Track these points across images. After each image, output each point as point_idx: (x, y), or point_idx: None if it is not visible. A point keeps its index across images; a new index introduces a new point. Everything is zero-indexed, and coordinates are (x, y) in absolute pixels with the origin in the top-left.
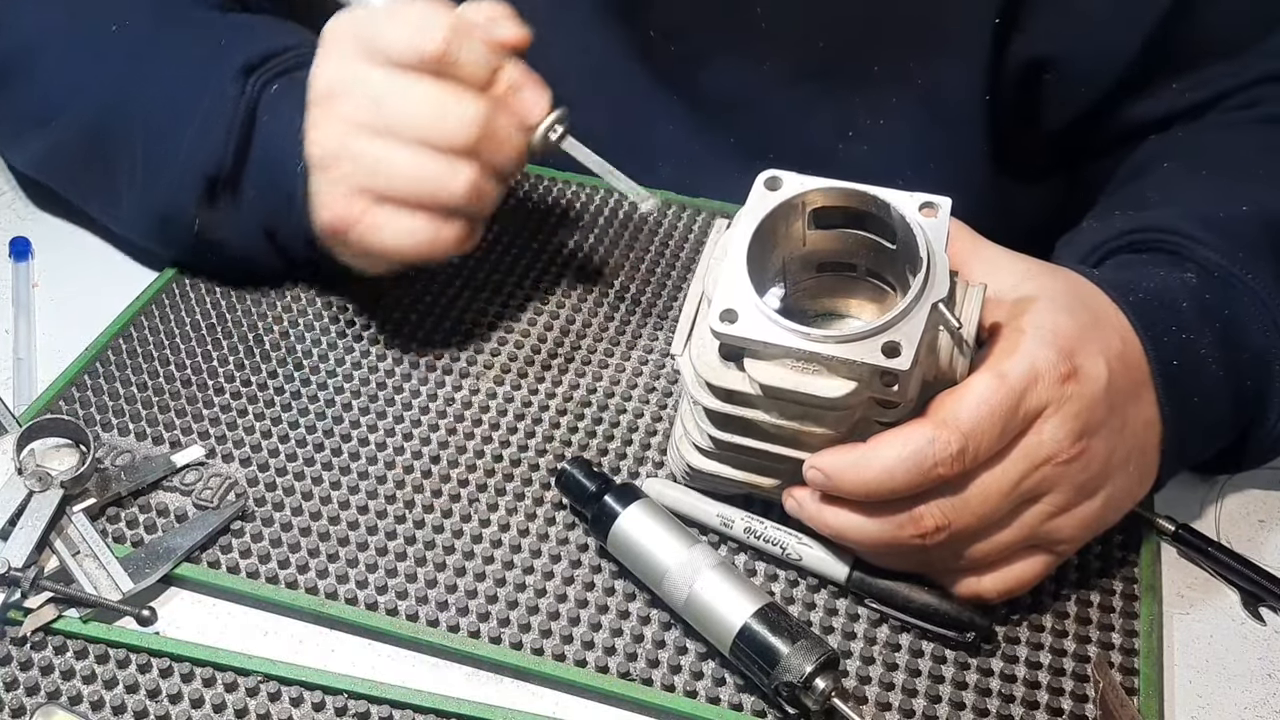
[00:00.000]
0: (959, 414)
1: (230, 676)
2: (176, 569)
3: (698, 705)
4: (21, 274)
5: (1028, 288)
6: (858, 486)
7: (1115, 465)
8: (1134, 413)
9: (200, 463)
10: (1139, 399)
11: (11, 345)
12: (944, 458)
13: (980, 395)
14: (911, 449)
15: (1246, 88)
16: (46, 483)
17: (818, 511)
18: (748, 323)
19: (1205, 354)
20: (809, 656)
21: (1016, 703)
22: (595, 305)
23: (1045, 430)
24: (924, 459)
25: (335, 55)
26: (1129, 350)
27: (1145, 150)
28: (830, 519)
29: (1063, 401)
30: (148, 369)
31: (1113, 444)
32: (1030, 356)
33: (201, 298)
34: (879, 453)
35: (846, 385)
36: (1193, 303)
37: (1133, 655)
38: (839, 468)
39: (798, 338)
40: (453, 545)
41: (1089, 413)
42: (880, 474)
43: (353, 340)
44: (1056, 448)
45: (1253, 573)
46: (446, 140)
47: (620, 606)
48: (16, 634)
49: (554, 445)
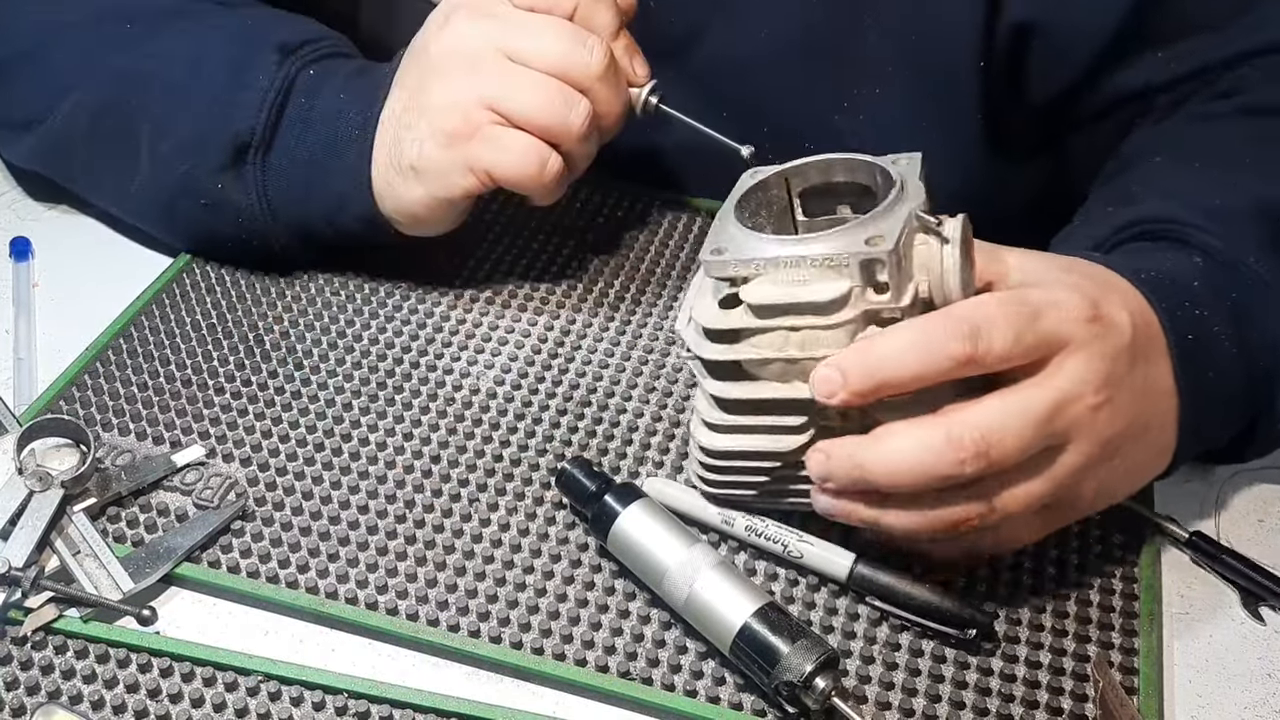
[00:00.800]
0: (968, 308)
1: (230, 676)
2: (177, 569)
3: (698, 704)
4: (22, 274)
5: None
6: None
7: (1136, 429)
8: (1154, 379)
9: (200, 462)
10: (1157, 366)
11: (12, 345)
12: (956, 337)
13: (995, 299)
14: (922, 337)
15: (1228, 63)
16: (47, 482)
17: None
18: (736, 250)
19: (1219, 330)
20: (809, 656)
21: (1016, 702)
22: (595, 305)
23: (1070, 365)
24: (930, 345)
25: (457, 20)
26: (1148, 317)
27: (1130, 144)
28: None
29: (1089, 340)
30: (148, 369)
31: (1136, 404)
32: (1053, 290)
33: (202, 297)
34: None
35: (838, 286)
36: (1203, 282)
37: (1133, 655)
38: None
39: (784, 245)
40: (453, 545)
41: (1114, 360)
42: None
43: (353, 340)
44: (1084, 386)
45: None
46: (574, 74)
47: (620, 606)
48: (17, 633)
49: (554, 445)
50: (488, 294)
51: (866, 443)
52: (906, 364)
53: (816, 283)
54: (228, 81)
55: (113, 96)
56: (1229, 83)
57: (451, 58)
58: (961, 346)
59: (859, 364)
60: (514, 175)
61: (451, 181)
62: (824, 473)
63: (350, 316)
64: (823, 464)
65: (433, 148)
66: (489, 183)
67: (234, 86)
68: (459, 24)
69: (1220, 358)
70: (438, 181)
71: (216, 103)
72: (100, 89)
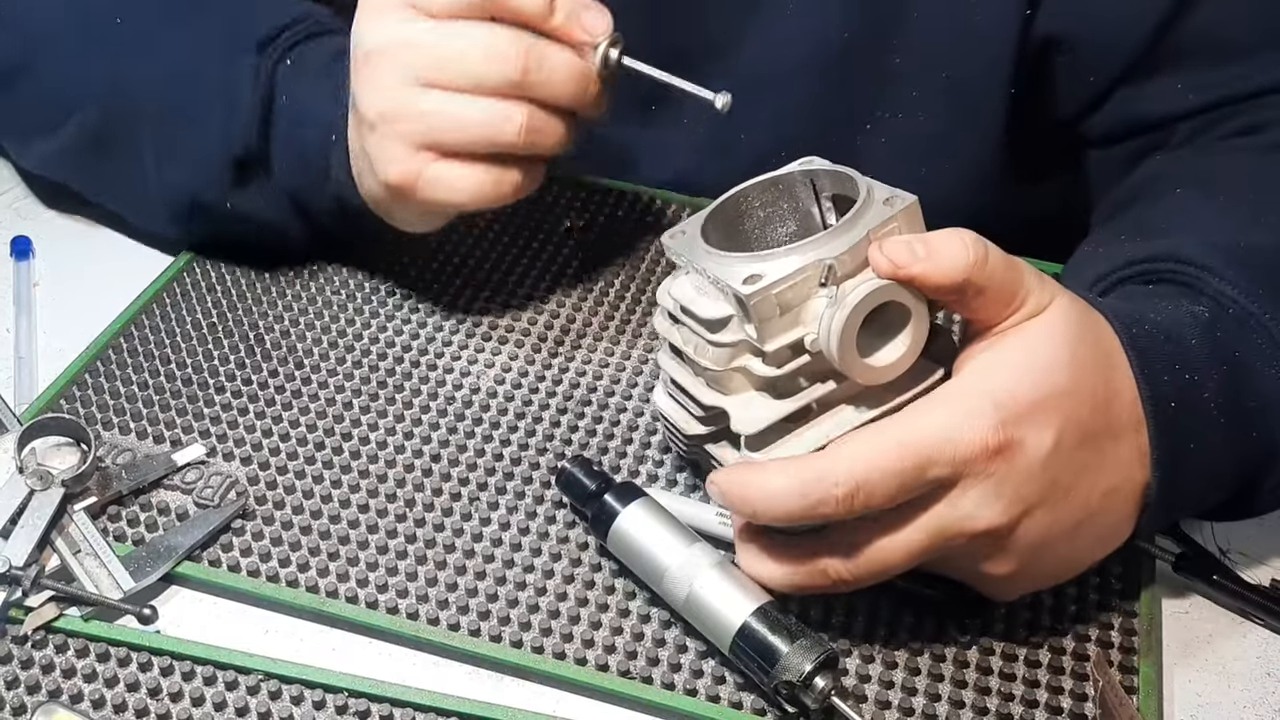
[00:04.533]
0: (855, 458)
1: (231, 675)
2: (177, 567)
3: (698, 703)
4: (22, 273)
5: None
6: (743, 505)
7: (1057, 536)
8: (1098, 478)
9: (201, 461)
10: (1112, 462)
11: (12, 344)
12: (829, 498)
13: (881, 448)
14: (799, 480)
15: (1253, 95)
16: (47, 481)
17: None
18: (683, 242)
19: (1208, 397)
20: (809, 655)
21: (1016, 701)
22: (595, 305)
23: (958, 500)
24: (810, 492)
25: (377, 12)
26: (1107, 411)
27: (1147, 170)
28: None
29: (984, 476)
30: (148, 368)
31: (1056, 516)
32: (952, 424)
33: (202, 296)
34: (769, 476)
35: (722, 308)
36: (1202, 340)
37: (1132, 654)
38: (729, 483)
39: (701, 253)
40: (453, 544)
41: (1019, 488)
42: (766, 495)
43: (353, 340)
44: (970, 520)
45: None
46: (494, 83)
47: (620, 605)
48: (18, 632)
49: (554, 445)
50: (487, 294)
51: (747, 549)
52: (779, 507)
53: (710, 298)
54: (216, 99)
55: (113, 116)
56: (1252, 116)
57: (372, 94)
58: (835, 506)
59: (735, 494)
60: (469, 206)
61: (414, 223)
62: (718, 502)
63: (350, 316)
64: (716, 495)
65: (386, 199)
66: (453, 215)
67: (223, 104)
68: (373, 22)
69: (1205, 425)
70: (403, 222)
71: (210, 124)
72: (99, 107)
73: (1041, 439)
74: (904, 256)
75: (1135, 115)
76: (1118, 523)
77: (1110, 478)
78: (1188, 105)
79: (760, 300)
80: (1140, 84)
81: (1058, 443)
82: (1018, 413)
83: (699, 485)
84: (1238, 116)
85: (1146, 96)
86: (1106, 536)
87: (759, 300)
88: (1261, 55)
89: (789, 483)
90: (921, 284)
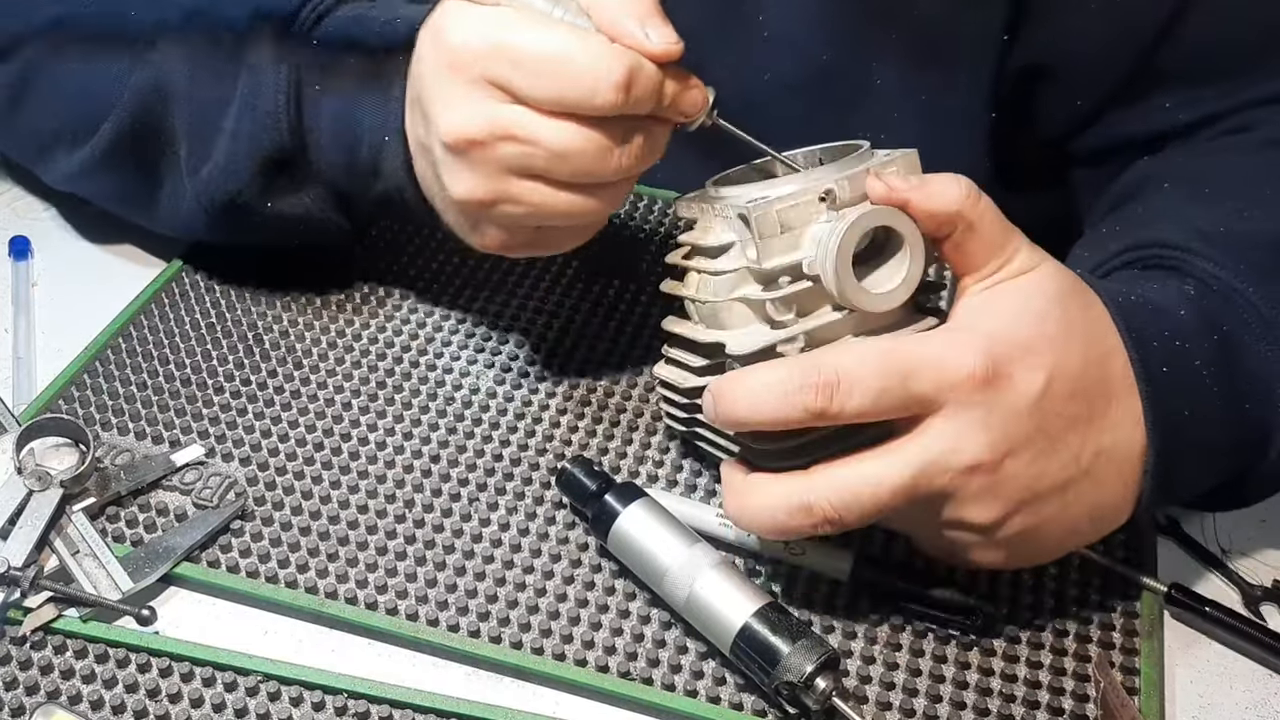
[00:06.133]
0: (841, 354)
1: (230, 676)
2: (176, 568)
3: (698, 704)
4: (21, 273)
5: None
6: (731, 406)
7: (1046, 491)
8: (1089, 435)
9: (200, 462)
10: (1105, 421)
11: (11, 344)
12: (809, 385)
13: (867, 350)
14: (783, 372)
15: (1238, 110)
16: (46, 482)
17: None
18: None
19: (1199, 365)
20: (809, 656)
21: (1017, 702)
22: (595, 305)
23: (938, 430)
24: (792, 382)
25: (466, 91)
26: (1100, 367)
27: (1137, 172)
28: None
29: (967, 404)
30: (147, 368)
31: (1043, 467)
32: (941, 348)
33: (201, 297)
34: (755, 373)
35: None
36: (1190, 312)
37: (1133, 655)
38: (720, 384)
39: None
40: (453, 545)
41: (1005, 423)
42: (750, 392)
43: (353, 340)
44: (953, 453)
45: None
46: (610, 176)
47: (620, 606)
48: (16, 633)
49: (554, 445)
50: (487, 293)
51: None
52: (761, 407)
53: (716, 230)
54: (241, 93)
55: (143, 120)
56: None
57: (466, 185)
58: (814, 399)
59: (725, 393)
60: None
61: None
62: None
63: (350, 316)
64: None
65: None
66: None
67: (250, 97)
68: (463, 102)
69: (1199, 393)
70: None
71: (238, 120)
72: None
73: (1031, 379)
74: (900, 183)
75: (1123, 135)
76: (1113, 493)
77: (1101, 437)
78: (1176, 122)
79: (762, 215)
80: (1128, 105)
81: (1047, 387)
82: (1009, 351)
83: (699, 485)
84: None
85: (1133, 116)
86: (1101, 506)
87: (761, 214)
88: (1248, 73)
89: (773, 376)
90: (916, 211)
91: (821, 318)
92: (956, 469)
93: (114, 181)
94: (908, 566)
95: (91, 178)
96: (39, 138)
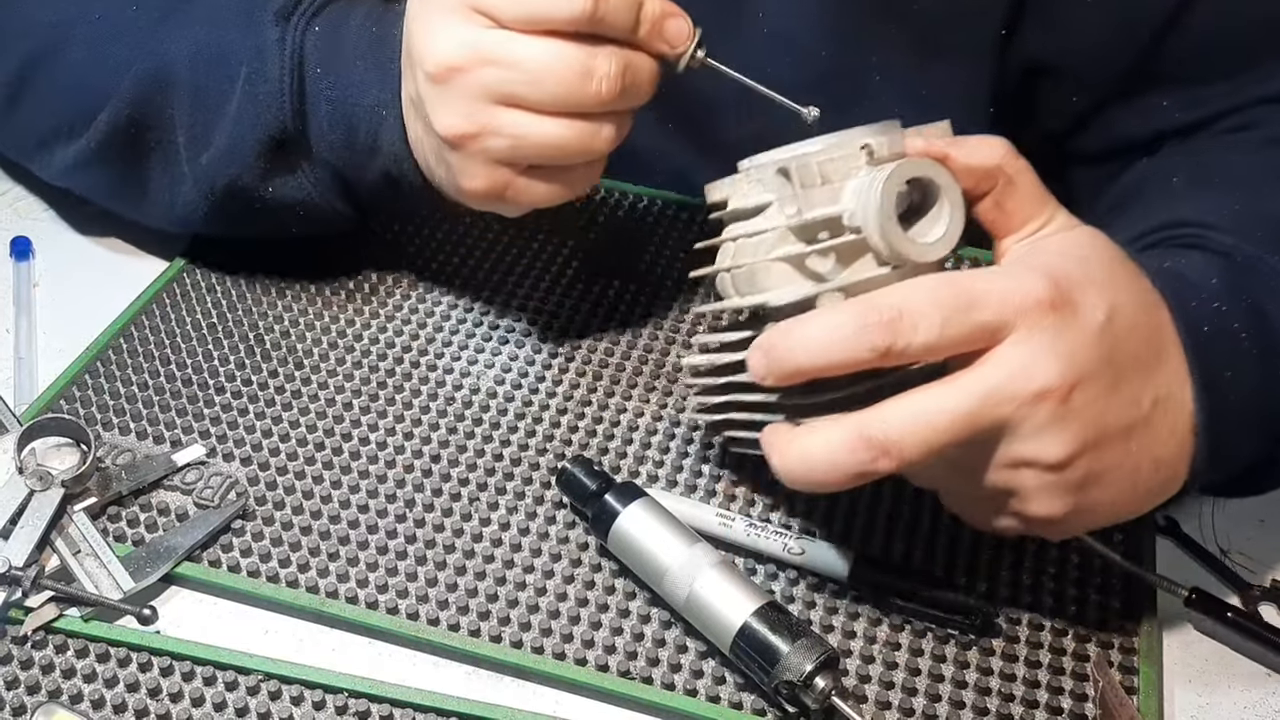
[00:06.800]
0: (900, 290)
1: (231, 675)
2: (177, 568)
3: (698, 704)
4: (22, 274)
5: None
6: (787, 353)
7: (1112, 432)
8: (1148, 380)
9: (201, 462)
10: (1164, 367)
11: (12, 345)
12: (872, 324)
13: (928, 282)
14: (842, 314)
15: (1237, 109)
16: (47, 482)
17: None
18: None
19: (1238, 328)
20: (809, 655)
21: (1016, 702)
22: (595, 305)
23: (1006, 356)
24: (852, 322)
25: (447, 19)
26: (1150, 315)
27: (1136, 173)
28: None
29: (1036, 329)
30: (148, 368)
31: (1109, 402)
32: (1003, 278)
33: (202, 297)
34: (813, 318)
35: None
36: (1221, 280)
37: (1132, 655)
38: (774, 334)
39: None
40: (453, 544)
41: (1075, 348)
42: (807, 337)
43: (353, 340)
44: (1023, 379)
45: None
46: (591, 105)
47: (620, 605)
48: (17, 633)
49: (554, 445)
50: (487, 294)
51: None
52: (822, 351)
53: (751, 194)
54: (243, 78)
55: (141, 110)
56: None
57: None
58: (879, 337)
59: (777, 346)
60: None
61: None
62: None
63: (350, 316)
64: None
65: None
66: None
67: (251, 81)
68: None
69: (1238, 355)
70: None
71: (241, 104)
72: (127, 101)
73: (1095, 310)
74: (939, 140)
75: (1122, 134)
76: (1169, 450)
77: (1159, 384)
78: (1175, 122)
79: (803, 165)
80: (1126, 104)
81: (1110, 319)
82: (1070, 283)
83: (699, 485)
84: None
85: (1133, 115)
86: (1160, 462)
87: (802, 165)
88: (1247, 72)
89: (832, 319)
90: (956, 165)
91: (864, 271)
92: (1024, 396)
93: (107, 175)
94: (907, 566)
95: (86, 171)
96: (36, 133)
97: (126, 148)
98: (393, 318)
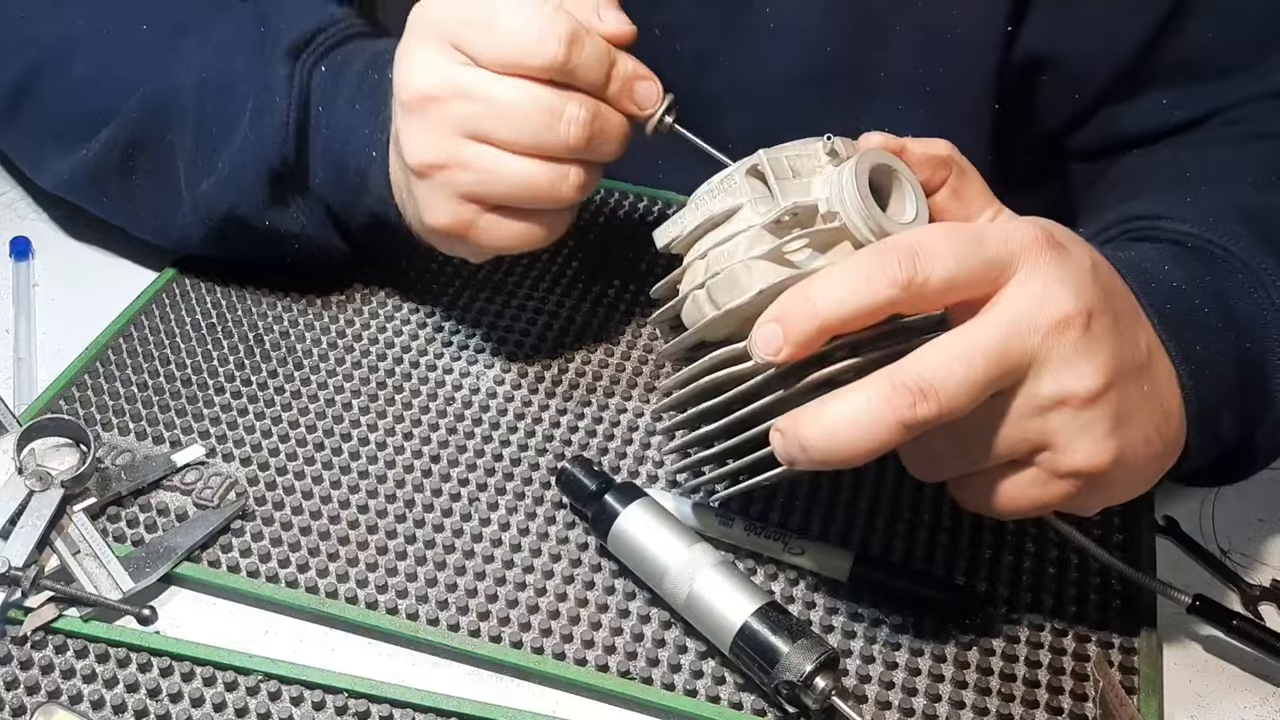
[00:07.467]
0: (905, 235)
1: (230, 675)
2: (177, 568)
3: (698, 704)
4: (22, 274)
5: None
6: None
7: (1130, 366)
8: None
9: (200, 462)
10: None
11: (12, 345)
12: (889, 262)
13: (936, 226)
14: (855, 263)
15: (1234, 107)
16: (47, 482)
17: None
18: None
19: (1200, 304)
20: (809, 655)
21: (1016, 702)
22: (595, 305)
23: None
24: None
25: (428, 53)
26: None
27: (1122, 167)
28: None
29: (1043, 263)
30: (148, 368)
31: (1121, 339)
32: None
33: (201, 297)
34: (826, 273)
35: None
36: (1176, 266)
37: (1132, 654)
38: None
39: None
40: (453, 544)
41: (1079, 279)
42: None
43: (353, 340)
44: (1040, 307)
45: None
46: (558, 148)
47: (620, 605)
48: (17, 633)
49: (554, 445)
50: (487, 294)
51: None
52: (844, 298)
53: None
54: (250, 109)
55: (144, 131)
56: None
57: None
58: (898, 271)
59: (797, 309)
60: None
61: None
62: (785, 457)
63: (350, 316)
64: (779, 444)
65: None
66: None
67: (257, 113)
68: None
69: (1207, 329)
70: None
71: (245, 134)
72: (131, 120)
73: (1082, 254)
74: (894, 137)
75: (1119, 131)
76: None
77: (1148, 331)
78: (1172, 120)
79: (774, 159)
80: (1124, 101)
81: (1094, 265)
82: (1057, 230)
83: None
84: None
85: (1130, 113)
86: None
87: (772, 160)
88: (1246, 70)
89: (849, 262)
90: (912, 156)
91: (844, 254)
92: (1048, 324)
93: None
94: (907, 566)
95: (81, 183)
96: (35, 141)
97: (123, 166)
98: (392, 318)
